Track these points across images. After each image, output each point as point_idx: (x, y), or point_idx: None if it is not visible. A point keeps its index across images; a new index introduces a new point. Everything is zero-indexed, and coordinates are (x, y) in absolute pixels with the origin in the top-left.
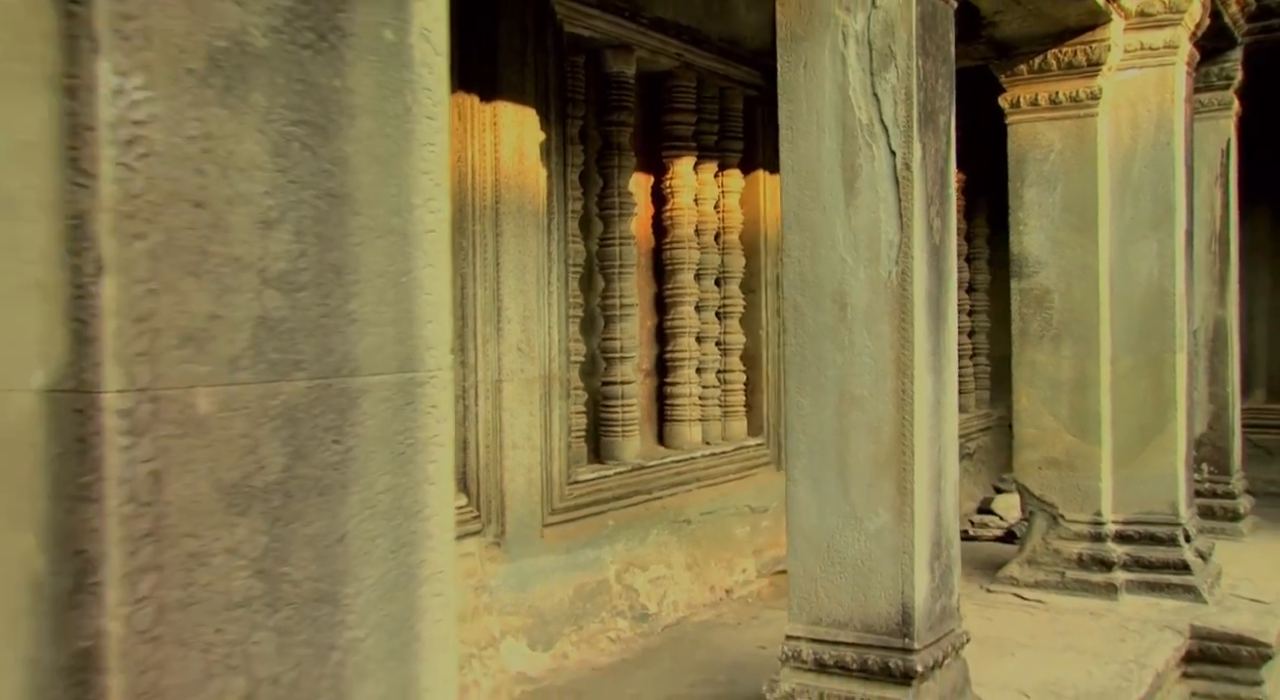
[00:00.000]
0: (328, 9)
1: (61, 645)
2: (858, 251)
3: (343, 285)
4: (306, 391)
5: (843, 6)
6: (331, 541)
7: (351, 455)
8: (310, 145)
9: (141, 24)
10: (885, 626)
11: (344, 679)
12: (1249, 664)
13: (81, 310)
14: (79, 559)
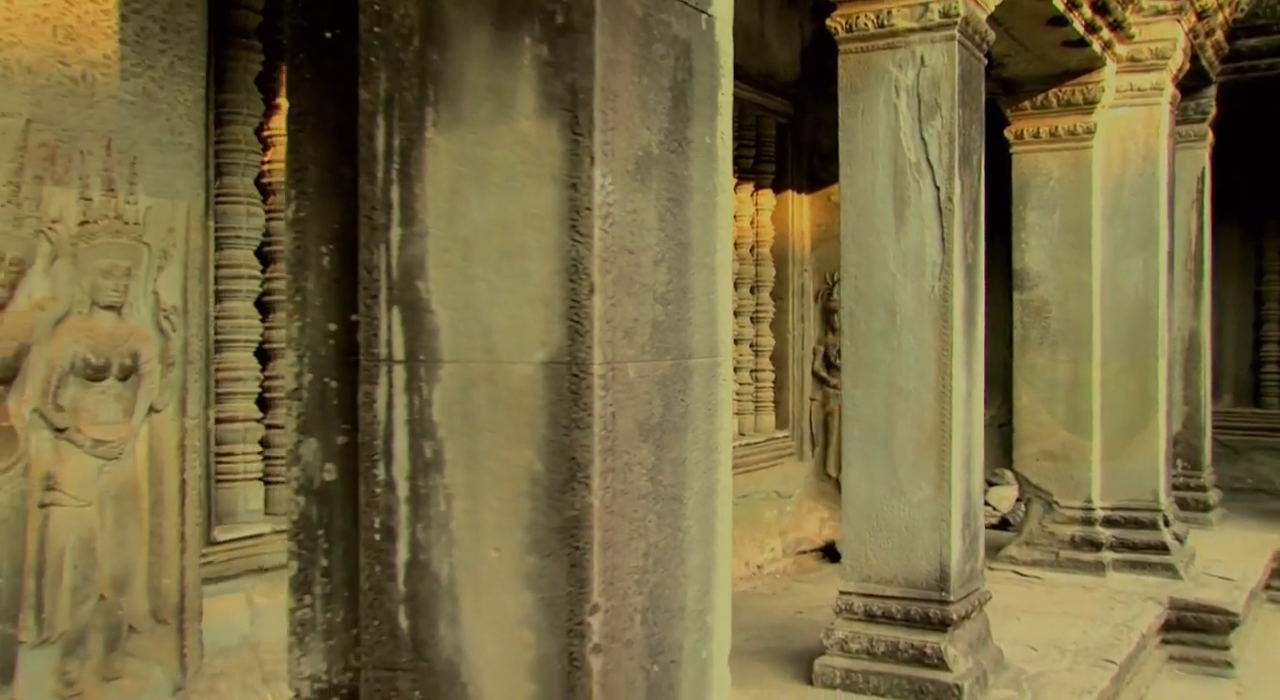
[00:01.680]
0: (681, 128)
1: (554, 515)
2: (906, 269)
3: (686, 301)
4: (670, 368)
5: (896, 64)
6: (679, 462)
7: (688, 408)
8: (673, 212)
9: (612, 147)
10: (925, 583)
11: (684, 549)
12: (1219, 631)
13: (577, 315)
14: (571, 463)
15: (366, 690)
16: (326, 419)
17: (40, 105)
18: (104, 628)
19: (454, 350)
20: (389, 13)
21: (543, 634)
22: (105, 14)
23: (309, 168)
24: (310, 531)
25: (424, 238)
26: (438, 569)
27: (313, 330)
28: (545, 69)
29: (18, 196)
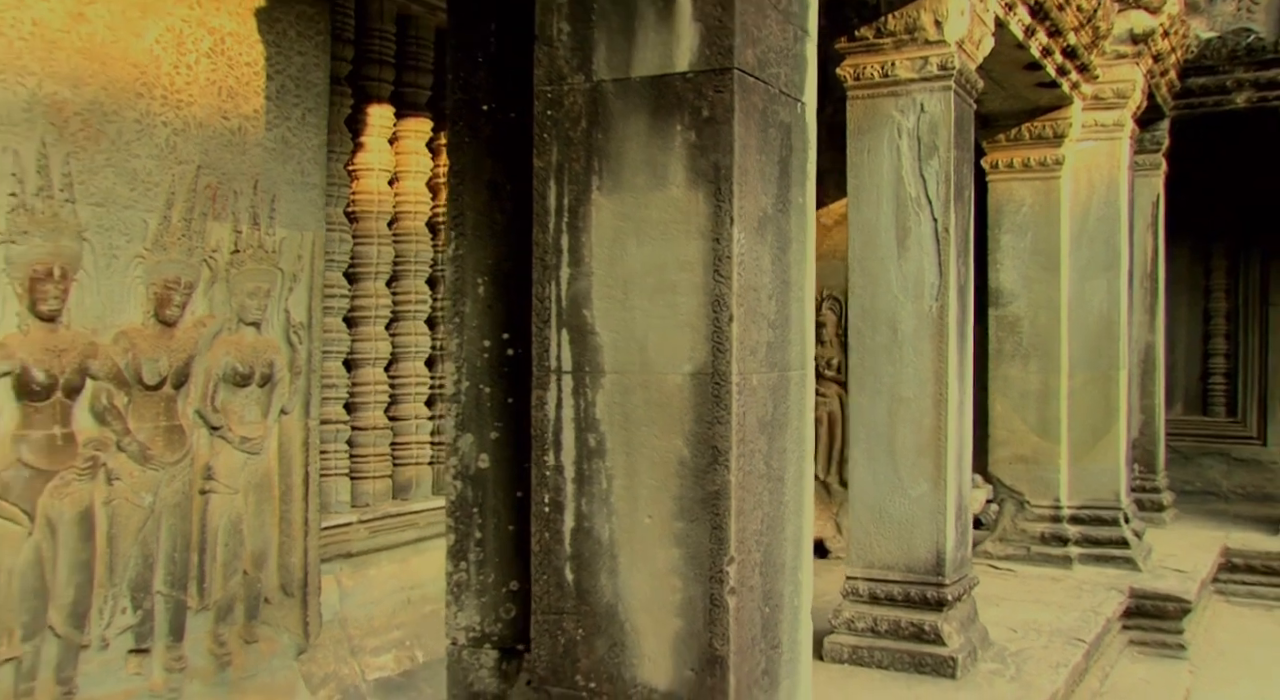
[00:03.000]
0: (785, 192)
1: (699, 489)
2: (907, 290)
3: (787, 326)
4: (777, 377)
5: (898, 109)
6: (782, 451)
7: (788, 409)
8: (780, 258)
9: (744, 209)
10: (923, 568)
11: (784, 518)
12: (1174, 617)
13: (719, 338)
14: (711, 450)
15: (537, 630)
16: (481, 418)
17: (207, 153)
18: (246, 598)
19: (614, 364)
20: (560, 100)
21: (689, 581)
22: (256, 75)
23: (466, 213)
24: (466, 509)
25: (589, 276)
26: (599, 533)
27: (470, 346)
28: (693, 150)
29: (189, 231)
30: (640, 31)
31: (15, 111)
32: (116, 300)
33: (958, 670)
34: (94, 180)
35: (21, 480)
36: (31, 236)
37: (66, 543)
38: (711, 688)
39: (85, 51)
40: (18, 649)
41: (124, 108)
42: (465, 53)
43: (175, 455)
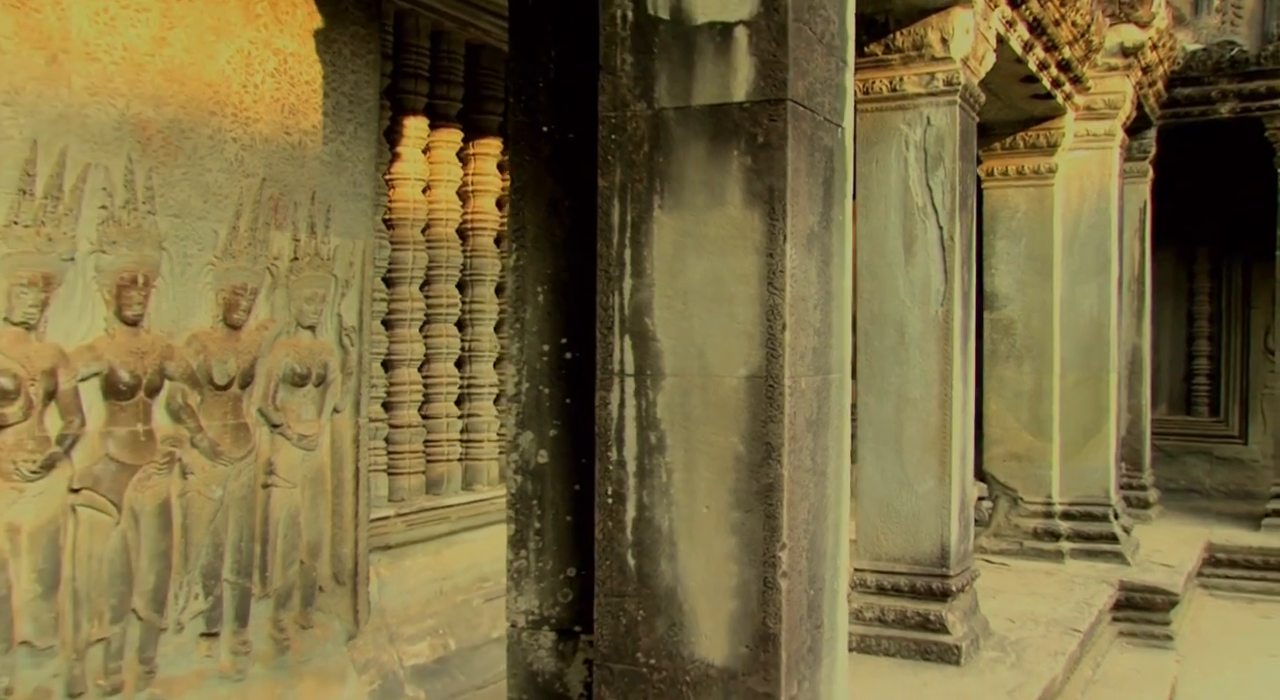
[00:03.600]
0: (828, 211)
1: (754, 482)
2: (914, 295)
3: (829, 333)
4: (821, 380)
5: (906, 122)
6: (824, 448)
7: (830, 409)
8: (823, 271)
9: (795, 227)
10: (929, 560)
11: (826, 509)
12: (1162, 609)
13: (772, 344)
14: (765, 446)
15: (599, 612)
16: (541, 416)
17: (270, 166)
18: (302, 586)
19: (674, 367)
20: (623, 125)
21: (743, 565)
22: (315, 92)
23: (527, 227)
24: (526, 502)
25: (651, 287)
26: (659, 522)
27: (530, 350)
28: (749, 173)
29: (254, 239)
30: (699, 64)
31: (106, 130)
32: (189, 305)
33: (961, 657)
34: (172, 193)
35: (110, 474)
36: (119, 246)
37: (148, 532)
38: (765, 662)
39: (166, 73)
40: (107, 630)
41: (199, 125)
42: (526, 78)
43: (241, 451)
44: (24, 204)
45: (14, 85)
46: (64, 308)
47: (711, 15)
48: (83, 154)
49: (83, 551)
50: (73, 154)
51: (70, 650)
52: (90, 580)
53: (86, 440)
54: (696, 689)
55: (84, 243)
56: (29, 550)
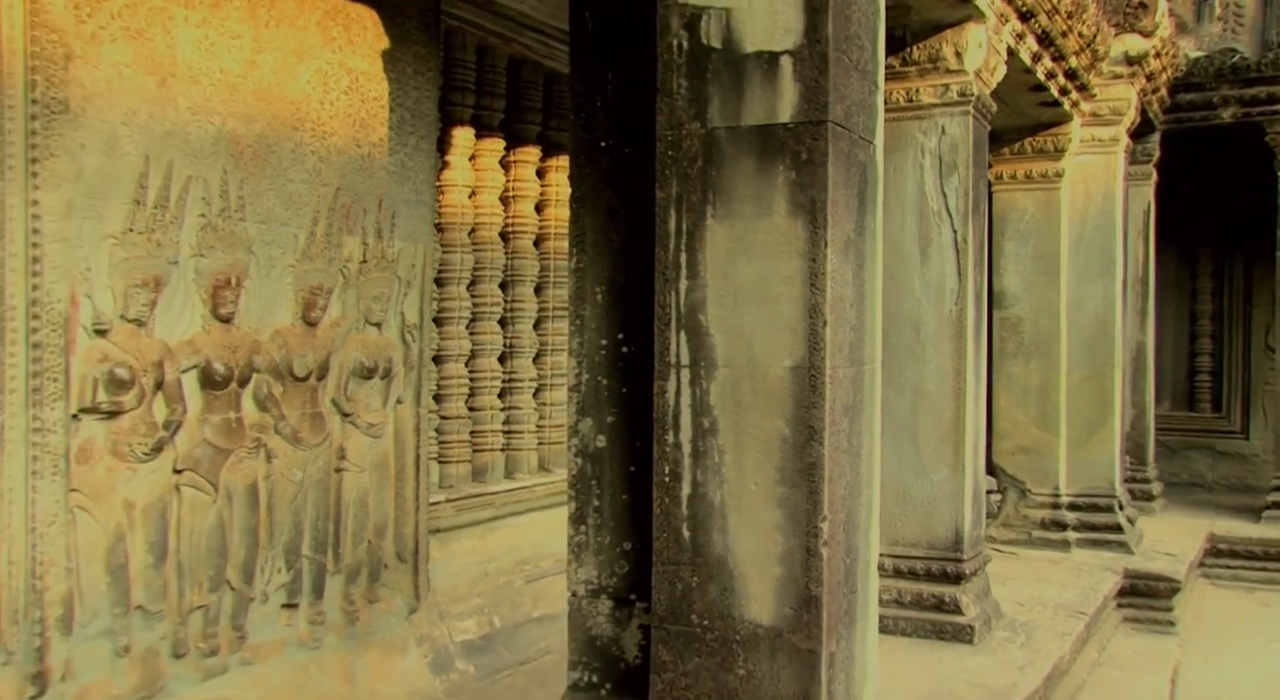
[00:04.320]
0: (861, 219)
1: (798, 461)
2: (929, 295)
3: (863, 329)
4: (856, 371)
5: (922, 131)
6: (858, 432)
7: (863, 397)
8: (858, 273)
9: (834, 235)
10: (943, 545)
11: (860, 486)
12: (1164, 595)
13: (814, 339)
14: (807, 429)
15: (657, 579)
16: (599, 405)
17: (343, 176)
18: (369, 563)
19: (726, 359)
20: (679, 142)
21: (788, 535)
22: (382, 107)
23: (587, 233)
24: (585, 482)
25: (704, 288)
26: (712, 498)
27: (589, 344)
28: (793, 186)
29: (329, 243)
30: (748, 88)
31: (205, 146)
32: (273, 304)
33: (975, 637)
34: (259, 202)
35: (207, 457)
36: (215, 251)
37: (239, 510)
38: (808, 622)
39: (256, 93)
40: (206, 598)
41: (283, 139)
42: (586, 98)
43: (318, 438)
44: (138, 213)
45: (131, 107)
46: (168, 306)
47: (759, 45)
48: (185, 167)
49: (185, 526)
50: (177, 167)
51: (175, 615)
52: (191, 552)
53: (187, 426)
54: (746, 646)
55: (186, 247)
56: (142, 524)
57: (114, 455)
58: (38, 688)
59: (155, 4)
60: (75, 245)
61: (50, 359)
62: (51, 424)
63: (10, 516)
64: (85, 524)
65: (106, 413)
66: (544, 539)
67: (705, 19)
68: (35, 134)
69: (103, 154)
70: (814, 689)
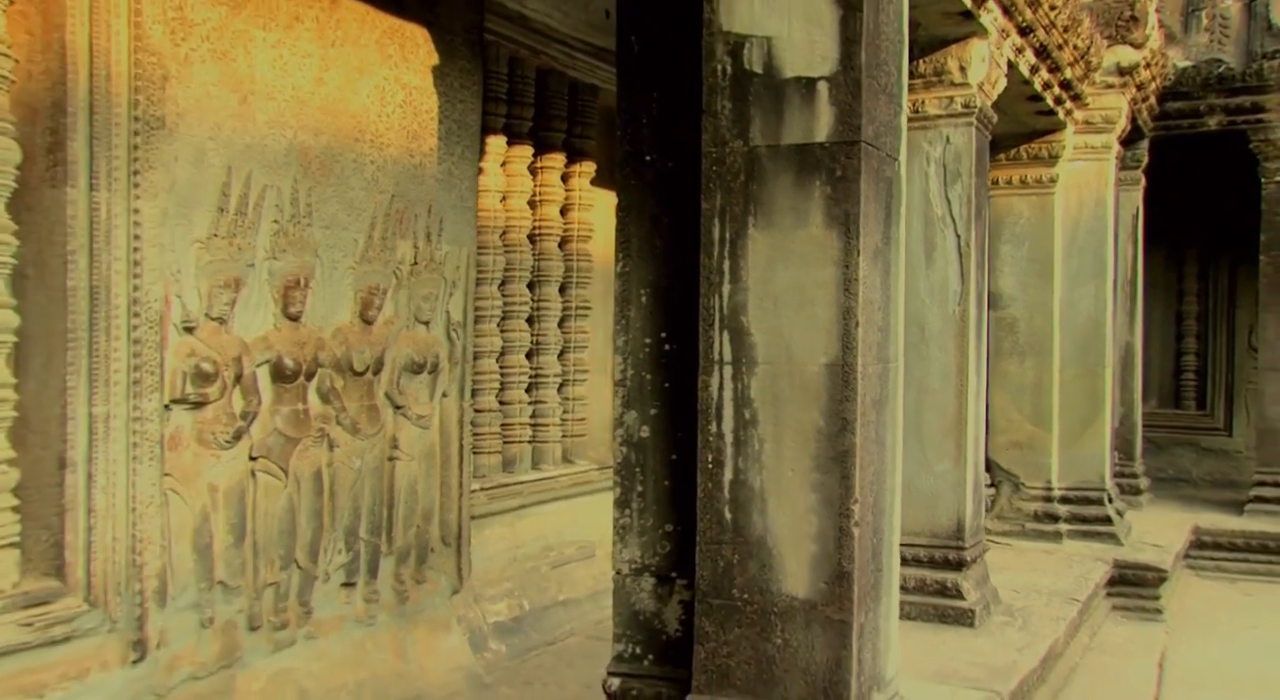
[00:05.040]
0: (888, 230)
1: (831, 450)
2: (933, 296)
3: (889, 329)
4: (883, 368)
5: (927, 141)
6: (884, 423)
7: (888, 392)
8: (884, 279)
9: (865, 244)
10: (946, 534)
11: (885, 473)
12: (1152, 585)
13: (847, 339)
14: (840, 420)
15: (700, 557)
16: (643, 398)
17: (397, 184)
18: (418, 546)
19: (765, 357)
20: (723, 159)
21: (822, 517)
22: (431, 120)
23: (632, 240)
24: (630, 469)
25: (746, 291)
26: (752, 483)
27: (634, 343)
28: (829, 200)
29: (384, 247)
30: (787, 111)
31: (278, 157)
32: (335, 304)
33: (975, 620)
34: (324, 208)
35: (279, 445)
36: (287, 254)
37: (306, 495)
38: (840, 595)
39: (323, 107)
40: (277, 576)
41: (345, 150)
42: (632, 115)
43: (374, 428)
44: (221, 220)
45: (217, 122)
46: (245, 306)
47: (798, 71)
48: (261, 177)
49: (260, 509)
50: (255, 177)
51: (251, 590)
52: (265, 533)
53: (261, 417)
54: (783, 617)
55: (261, 251)
56: (223, 506)
57: (199, 442)
58: (139, 653)
59: (238, 27)
60: (168, 250)
61: (148, 354)
62: (149, 413)
63: (113, 498)
64: (176, 505)
65: (193, 403)
66: (567, 527)
67: (748, 46)
68: (136, 148)
69: (192, 166)
70: (845, 656)
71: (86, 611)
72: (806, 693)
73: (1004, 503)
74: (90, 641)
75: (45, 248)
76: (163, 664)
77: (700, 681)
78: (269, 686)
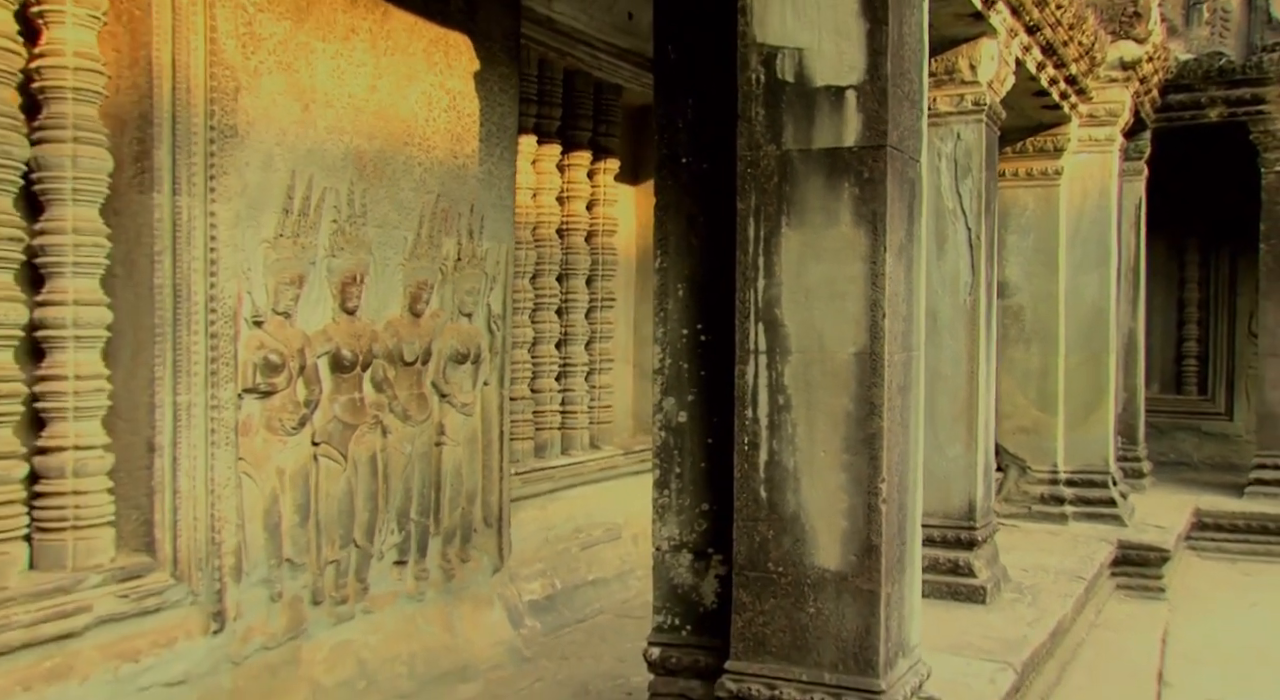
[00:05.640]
0: (910, 228)
1: (860, 432)
2: (945, 286)
3: (911, 320)
4: (907, 356)
5: (939, 137)
6: (908, 407)
7: (911, 378)
8: (907, 273)
9: (890, 241)
10: (958, 514)
11: (909, 454)
12: (1155, 564)
13: (874, 329)
14: (869, 404)
15: (738, 533)
16: (681, 385)
17: (443, 184)
18: (462, 527)
19: (798, 346)
20: (757, 162)
21: (852, 494)
22: (473, 123)
23: (669, 237)
24: (668, 452)
25: (779, 286)
26: (786, 463)
27: (671, 334)
28: (857, 200)
29: (431, 244)
30: (818, 118)
31: (337, 161)
32: (387, 298)
33: (987, 597)
34: (377, 208)
35: (338, 431)
36: (344, 252)
37: (363, 478)
38: (869, 567)
39: (376, 113)
40: (337, 554)
41: (396, 154)
42: (669, 120)
43: (422, 415)
44: (286, 221)
45: (282, 129)
46: (307, 301)
47: (828, 80)
48: (321, 180)
49: (322, 491)
50: (316, 180)
51: (315, 567)
52: (327, 514)
53: (322, 405)
54: (815, 588)
55: (321, 250)
56: (290, 489)
57: (268, 429)
58: (218, 624)
59: (301, 39)
60: (239, 249)
61: (223, 347)
62: (225, 402)
63: (195, 480)
64: (249, 488)
65: (262, 392)
66: (595, 510)
67: (781, 57)
68: (212, 155)
69: (260, 171)
70: (874, 624)
71: (173, 585)
72: (838, 658)
73: (1011, 486)
74: (176, 613)
75: (134, 248)
76: (238, 635)
77: (738, 648)
78: (331, 657)
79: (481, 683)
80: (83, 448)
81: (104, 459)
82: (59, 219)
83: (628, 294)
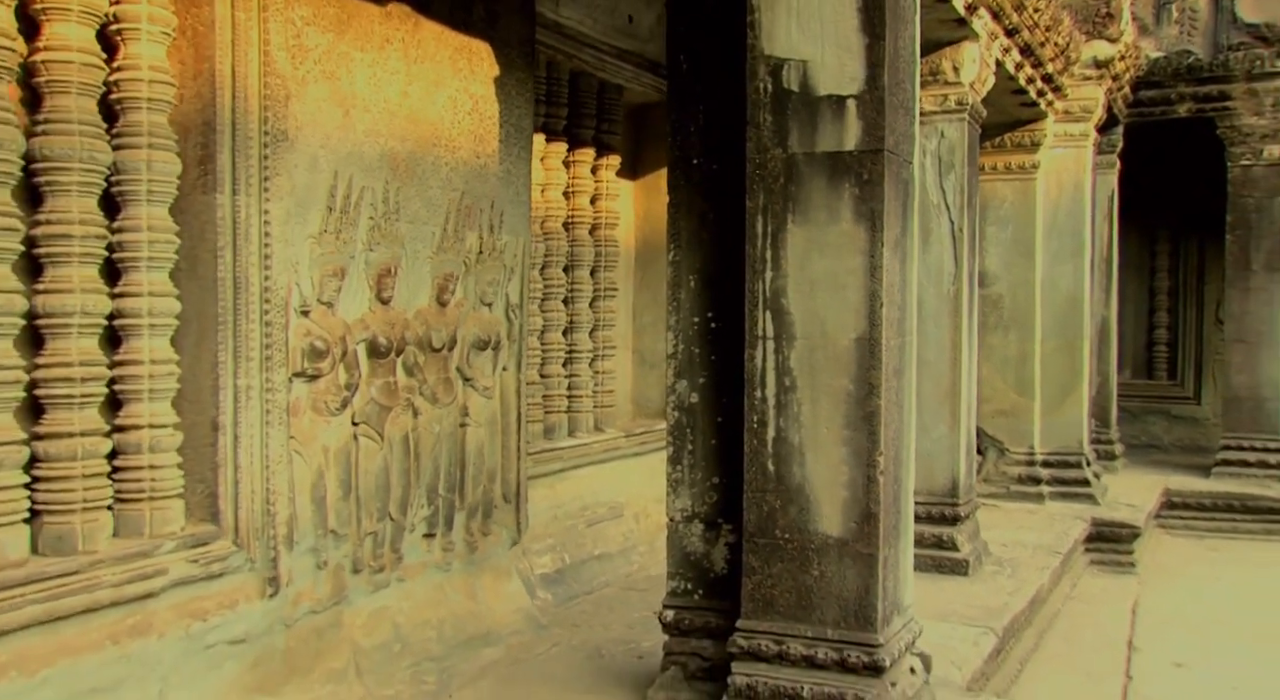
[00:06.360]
0: (905, 224)
1: (860, 411)
2: (929, 277)
3: (905, 309)
4: (901, 341)
5: (924, 135)
6: (902, 388)
7: (906, 361)
8: (902, 266)
9: (887, 237)
10: (942, 492)
11: (904, 431)
12: (1126, 540)
13: (873, 316)
14: (868, 385)
15: (748, 503)
16: (692, 369)
17: (467, 183)
18: (484, 503)
19: (803, 333)
20: (765, 164)
21: (852, 467)
22: (494, 125)
23: (682, 233)
24: (681, 430)
25: (786, 277)
26: (791, 439)
27: (684, 321)
28: (857, 200)
29: (456, 238)
30: (821, 124)
31: (373, 161)
32: (416, 289)
33: (969, 570)
34: (409, 206)
35: (375, 412)
36: (380, 246)
37: (397, 456)
38: (868, 533)
39: (408, 117)
40: (375, 526)
41: (425, 154)
42: (681, 123)
43: (449, 398)
44: (329, 218)
45: (325, 133)
46: (347, 291)
47: (830, 89)
48: (360, 179)
49: (362, 468)
50: (355, 180)
51: (355, 538)
52: (365, 489)
53: (361, 388)
54: (819, 552)
55: (359, 244)
56: (334, 465)
57: (314, 410)
58: (273, 589)
59: (342, 50)
60: (289, 244)
61: (276, 334)
62: (277, 385)
63: (251, 457)
64: (298, 464)
65: (309, 376)
66: (600, 489)
67: (786, 68)
68: (266, 158)
69: (307, 172)
70: (872, 584)
71: (235, 552)
72: (839, 616)
73: (990, 467)
74: (238, 577)
75: (198, 244)
76: (290, 599)
77: (748, 608)
78: (369, 621)
79: (504, 647)
80: (156, 426)
81: (174, 436)
82: (135, 218)
83: (627, 284)
